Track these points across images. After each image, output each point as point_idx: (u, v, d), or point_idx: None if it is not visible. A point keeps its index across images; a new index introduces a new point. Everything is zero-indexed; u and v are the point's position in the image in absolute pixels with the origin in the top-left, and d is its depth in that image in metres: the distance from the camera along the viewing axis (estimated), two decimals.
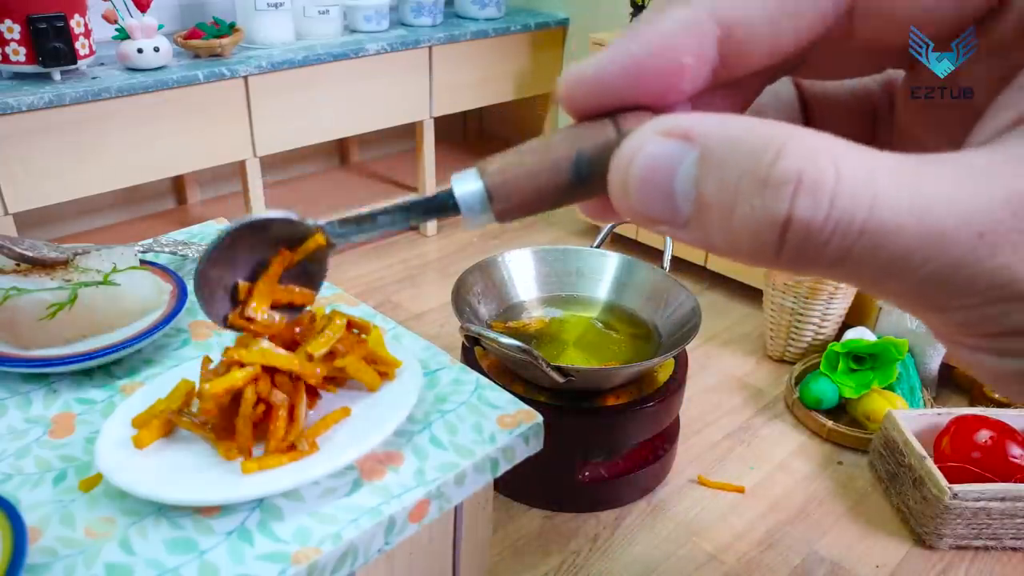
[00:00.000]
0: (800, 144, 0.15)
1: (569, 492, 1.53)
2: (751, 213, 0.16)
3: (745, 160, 0.16)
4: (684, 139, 0.17)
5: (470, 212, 0.22)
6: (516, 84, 2.69)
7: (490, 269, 1.64)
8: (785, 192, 0.15)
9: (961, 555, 1.46)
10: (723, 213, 0.16)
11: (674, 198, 0.17)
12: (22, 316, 0.64)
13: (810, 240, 0.15)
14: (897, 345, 1.70)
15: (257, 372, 0.54)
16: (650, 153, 0.17)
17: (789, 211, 0.15)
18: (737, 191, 0.16)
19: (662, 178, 0.17)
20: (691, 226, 0.17)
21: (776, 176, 0.15)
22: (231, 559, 0.48)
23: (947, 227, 0.15)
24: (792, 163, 0.15)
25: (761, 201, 0.15)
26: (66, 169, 1.78)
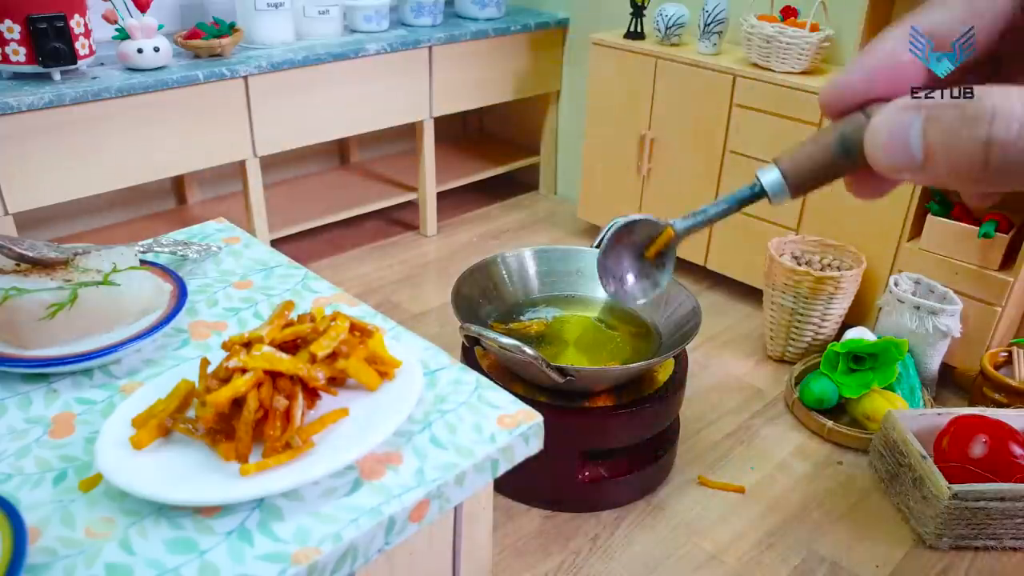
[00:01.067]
0: (991, 92, 0.22)
1: (569, 492, 1.53)
2: (964, 143, 0.23)
3: (955, 110, 0.23)
4: (913, 109, 0.24)
5: (775, 193, 0.30)
6: (516, 84, 2.69)
7: (490, 269, 1.64)
8: (985, 122, 0.22)
9: (961, 555, 1.46)
10: (945, 148, 0.23)
11: (910, 148, 0.24)
12: (22, 316, 0.64)
13: (1008, 152, 0.22)
14: (897, 345, 1.70)
15: (260, 377, 0.54)
16: (891, 120, 0.25)
17: (989, 134, 0.22)
18: (952, 132, 0.23)
19: (901, 135, 0.24)
20: (926, 167, 0.24)
21: (977, 113, 0.22)
22: (231, 559, 0.48)
23: None
24: (987, 103, 0.22)
25: (969, 131, 0.22)
26: (66, 169, 1.78)
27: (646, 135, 2.31)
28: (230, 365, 0.54)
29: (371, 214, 2.74)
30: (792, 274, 1.90)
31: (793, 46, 1.95)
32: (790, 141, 2.00)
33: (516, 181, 3.09)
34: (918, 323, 1.79)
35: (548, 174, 3.01)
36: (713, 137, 2.16)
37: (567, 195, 2.99)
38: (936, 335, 1.78)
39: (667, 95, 2.24)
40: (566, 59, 2.80)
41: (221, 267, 0.84)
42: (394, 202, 2.66)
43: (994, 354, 1.80)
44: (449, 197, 2.86)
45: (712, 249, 2.29)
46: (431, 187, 2.64)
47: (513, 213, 2.90)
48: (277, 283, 0.82)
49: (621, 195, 2.45)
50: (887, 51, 0.26)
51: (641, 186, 2.39)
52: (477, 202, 2.95)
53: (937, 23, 0.26)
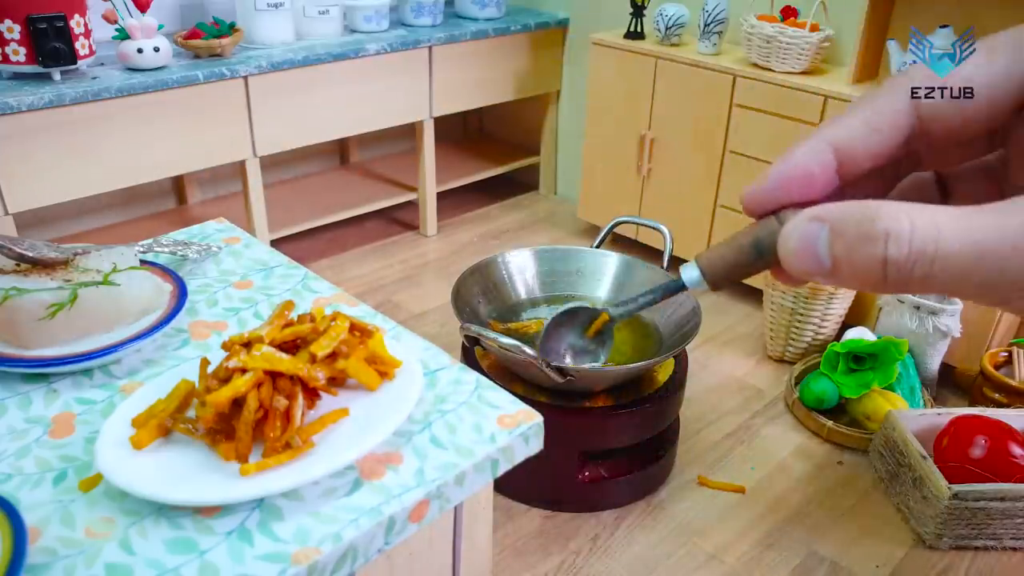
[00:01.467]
0: (887, 211, 0.25)
1: (569, 492, 1.53)
2: (863, 259, 0.25)
3: (855, 228, 0.25)
4: (819, 220, 0.26)
5: (693, 287, 0.35)
6: (516, 84, 2.69)
7: (490, 269, 1.64)
8: (880, 242, 0.24)
9: (961, 555, 1.46)
10: (848, 262, 0.26)
11: (819, 257, 0.26)
12: (22, 316, 0.64)
13: (902, 270, 0.24)
14: (897, 345, 1.70)
15: (260, 377, 0.54)
16: (801, 229, 0.27)
17: (884, 254, 0.24)
18: (853, 247, 0.25)
19: (809, 246, 0.27)
20: (832, 274, 0.26)
21: (873, 233, 0.24)
22: (231, 559, 0.48)
23: (990, 246, 0.23)
24: (882, 224, 0.24)
25: (868, 250, 0.25)
26: (66, 169, 1.78)
27: (646, 135, 2.31)
28: (230, 365, 0.54)
29: (371, 214, 2.74)
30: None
31: (793, 46, 1.95)
32: (790, 141, 1.99)
33: (516, 181, 3.09)
34: (918, 323, 1.79)
35: (548, 174, 3.01)
36: (713, 137, 2.16)
37: (567, 195, 2.99)
38: (936, 335, 1.78)
39: (667, 95, 2.24)
40: (566, 59, 2.80)
41: (221, 267, 0.84)
42: (394, 202, 2.66)
43: (994, 354, 1.80)
44: (449, 197, 2.86)
45: None
46: (431, 187, 2.64)
47: (513, 213, 2.90)
48: (277, 283, 0.82)
49: (621, 195, 2.45)
50: (799, 163, 0.29)
51: (641, 186, 2.39)
52: (477, 202, 2.95)
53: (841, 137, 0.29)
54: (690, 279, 0.34)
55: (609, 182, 2.49)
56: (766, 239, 0.31)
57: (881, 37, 1.94)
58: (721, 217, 2.23)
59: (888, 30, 1.96)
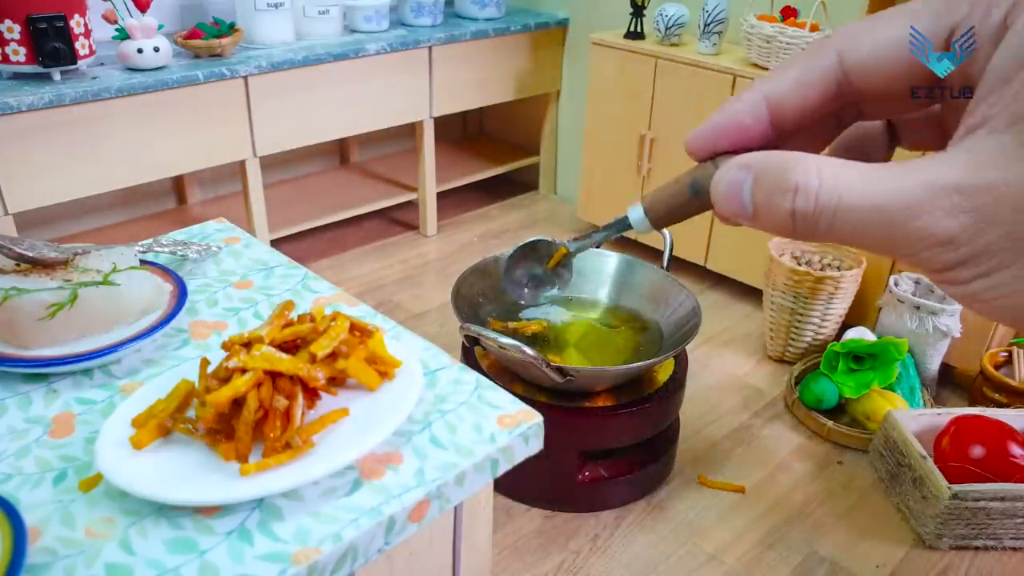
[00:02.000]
0: (801, 165, 0.27)
1: (569, 492, 1.53)
2: (776, 208, 0.27)
3: (772, 177, 0.27)
4: (746, 168, 0.28)
5: (638, 225, 0.37)
6: (516, 84, 2.69)
7: (490, 269, 1.64)
8: (790, 195, 0.27)
9: (961, 555, 1.46)
10: (765, 208, 0.28)
11: (743, 203, 0.28)
12: (22, 316, 0.64)
13: (807, 221, 0.26)
14: (897, 345, 1.70)
15: (260, 377, 0.54)
16: (728, 177, 0.29)
17: (792, 206, 0.27)
18: (769, 196, 0.27)
19: (735, 191, 0.29)
20: (753, 218, 0.28)
21: (785, 184, 0.27)
22: (231, 559, 0.48)
23: (886, 204, 0.25)
24: (793, 177, 0.26)
25: (780, 200, 0.27)
26: (66, 169, 1.78)
27: (646, 135, 2.31)
28: (230, 365, 0.54)
29: (371, 214, 2.74)
30: (792, 274, 1.90)
31: (793, 46, 1.95)
32: None
33: (516, 181, 3.09)
34: (918, 323, 1.79)
35: (548, 174, 3.01)
36: None
37: (567, 195, 2.99)
38: (936, 335, 1.78)
39: (667, 95, 2.24)
40: (566, 59, 2.80)
41: (221, 267, 0.84)
42: (394, 202, 2.66)
43: (994, 354, 1.80)
44: (449, 197, 2.86)
45: (712, 249, 2.29)
46: (431, 187, 2.64)
47: (513, 213, 2.90)
48: (277, 283, 0.82)
49: (621, 195, 2.45)
50: (734, 112, 0.31)
51: (641, 186, 2.39)
52: (477, 202, 2.95)
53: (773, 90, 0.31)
54: (635, 218, 0.37)
55: (609, 182, 2.49)
56: (702, 181, 0.33)
57: None
58: None
59: None
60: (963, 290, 0.25)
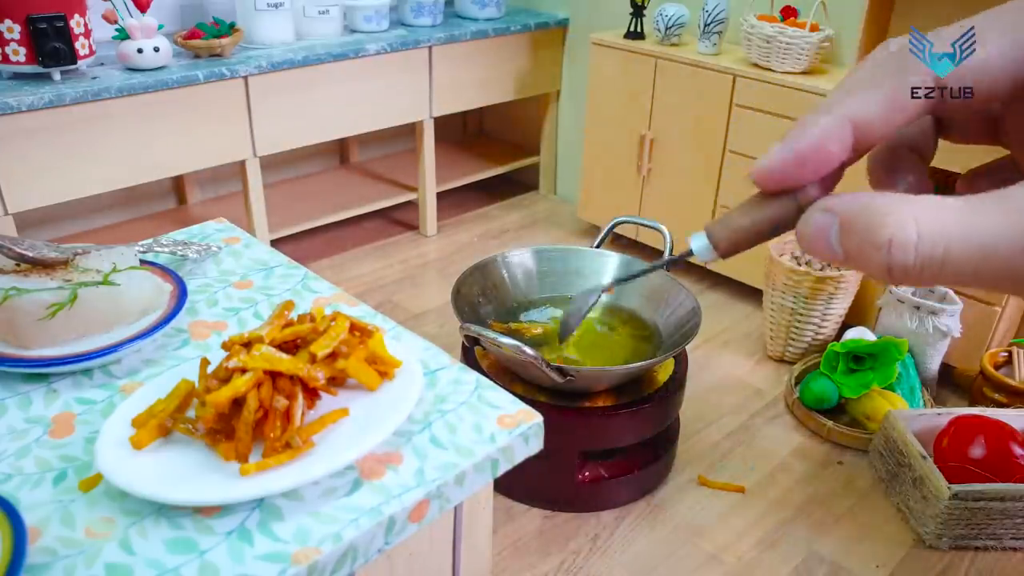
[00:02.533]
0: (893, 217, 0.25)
1: (569, 492, 1.53)
2: (870, 259, 0.26)
3: (862, 229, 0.26)
4: (830, 212, 0.28)
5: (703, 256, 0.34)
6: (516, 84, 2.69)
7: (490, 269, 1.64)
8: (884, 250, 0.25)
9: (961, 555, 1.46)
10: (856, 258, 0.27)
11: (832, 247, 0.28)
12: (22, 316, 0.64)
13: (909, 273, 0.25)
14: (897, 345, 1.70)
15: (260, 377, 0.54)
16: (814, 220, 0.28)
17: (887, 261, 0.25)
18: (861, 246, 0.26)
19: (823, 236, 0.28)
20: (845, 263, 0.28)
21: (880, 240, 0.26)
22: (231, 559, 0.48)
23: (996, 244, 0.24)
24: (887, 232, 0.25)
25: (874, 251, 0.26)
26: (66, 169, 1.78)
27: (646, 135, 2.31)
28: (230, 365, 0.54)
29: (371, 214, 2.74)
30: (792, 274, 1.90)
31: (793, 46, 1.95)
32: None
33: (516, 181, 3.09)
34: (918, 323, 1.79)
35: (548, 174, 3.01)
36: (713, 137, 2.16)
37: (567, 195, 2.99)
38: (936, 335, 1.78)
39: (667, 95, 2.24)
40: (566, 59, 2.80)
41: (221, 267, 0.84)
42: (394, 202, 2.66)
43: (994, 354, 1.80)
44: (449, 197, 2.86)
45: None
46: (431, 187, 2.64)
47: (513, 213, 2.90)
48: (277, 283, 0.82)
49: (621, 195, 2.45)
50: (818, 141, 0.29)
51: (641, 186, 2.39)
52: (477, 202, 2.95)
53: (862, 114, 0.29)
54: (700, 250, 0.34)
55: (609, 182, 2.49)
56: (785, 220, 0.31)
57: (881, 37, 1.94)
58: None
59: (888, 30, 1.96)
60: None
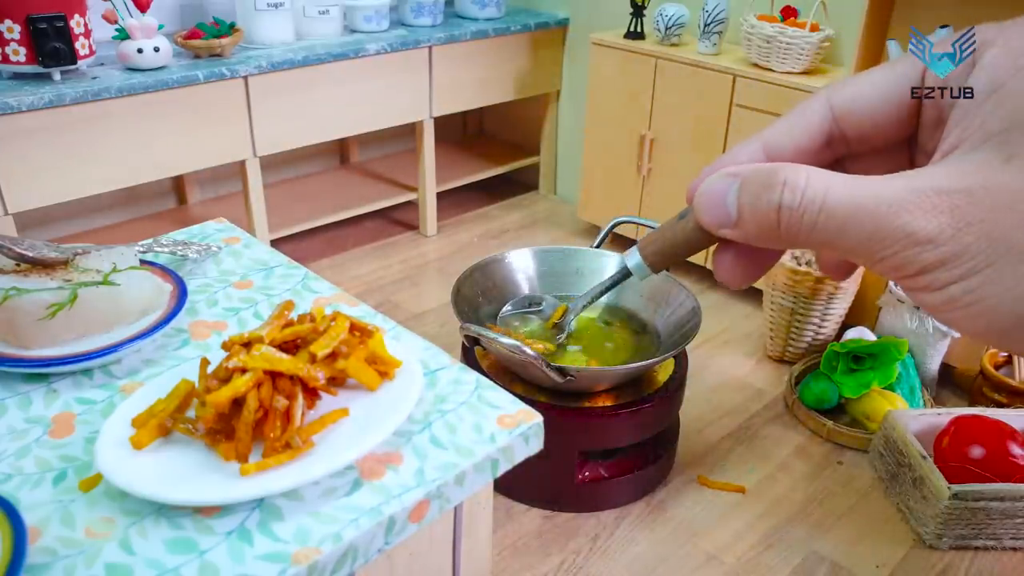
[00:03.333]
0: (789, 167, 0.28)
1: (569, 492, 1.53)
2: (762, 206, 0.28)
3: (760, 179, 0.28)
4: (732, 176, 0.29)
5: (637, 271, 0.37)
6: (516, 84, 2.69)
7: (490, 269, 1.64)
8: (777, 189, 0.27)
9: (961, 555, 1.46)
10: (750, 210, 0.28)
11: (726, 208, 0.29)
12: (22, 316, 0.64)
13: (793, 217, 0.27)
14: (897, 345, 1.70)
15: (260, 377, 0.54)
16: (715, 182, 0.30)
17: (779, 200, 0.27)
18: (756, 195, 0.28)
19: (720, 197, 0.30)
20: (738, 224, 0.29)
21: (774, 181, 0.28)
22: (231, 559, 0.48)
23: (869, 203, 0.26)
24: (782, 174, 0.27)
25: (767, 196, 0.28)
26: (66, 169, 1.78)
27: (646, 135, 2.31)
28: (230, 365, 0.54)
29: (371, 214, 2.74)
30: (792, 274, 1.90)
31: (793, 46, 1.95)
32: None
33: (516, 181, 3.09)
34: (918, 323, 1.79)
35: (548, 174, 3.01)
36: (713, 137, 2.16)
37: (567, 195, 2.99)
38: (936, 335, 1.78)
39: (667, 95, 2.24)
40: (566, 59, 2.79)
41: (221, 267, 0.84)
42: (394, 202, 2.66)
43: (994, 354, 1.80)
44: (449, 197, 2.86)
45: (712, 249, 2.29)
46: (431, 187, 2.64)
47: (513, 213, 2.90)
48: (277, 283, 0.82)
49: (621, 195, 2.45)
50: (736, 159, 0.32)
51: (641, 186, 2.39)
52: (477, 202, 2.95)
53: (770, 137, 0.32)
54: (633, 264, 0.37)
55: (609, 182, 2.49)
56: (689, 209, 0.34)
57: (881, 37, 1.94)
58: None
59: (888, 30, 1.96)
60: (939, 297, 0.26)
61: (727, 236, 0.30)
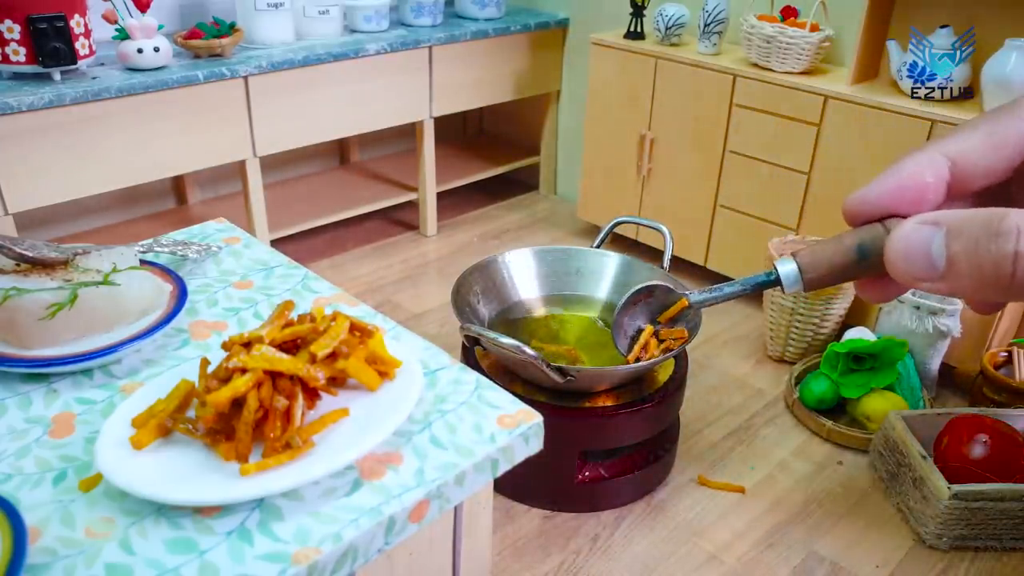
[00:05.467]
0: (1016, 212, 0.24)
1: (569, 492, 1.53)
2: (990, 255, 0.25)
3: (980, 226, 0.25)
4: (934, 225, 0.26)
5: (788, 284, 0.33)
6: (516, 84, 2.69)
7: (490, 269, 1.64)
8: (1012, 236, 0.24)
9: (961, 555, 1.46)
10: (969, 260, 0.25)
11: (931, 259, 0.26)
12: (22, 316, 0.64)
13: None
14: (897, 345, 1.70)
15: (260, 377, 0.54)
16: (913, 231, 0.27)
17: (1016, 248, 0.24)
18: (977, 244, 0.25)
19: (922, 248, 0.26)
20: (945, 277, 0.26)
21: (1005, 229, 0.24)
22: (231, 559, 0.48)
23: None
24: (1014, 220, 0.24)
25: (996, 246, 0.24)
26: (66, 169, 1.78)
27: (646, 135, 2.31)
28: (230, 365, 0.54)
29: (371, 214, 2.74)
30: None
31: (793, 46, 1.95)
32: (790, 141, 2.00)
33: (516, 181, 3.09)
34: (918, 323, 1.79)
35: (548, 174, 3.01)
36: (713, 137, 2.16)
37: (567, 195, 2.99)
38: (936, 335, 1.78)
39: (667, 95, 2.24)
40: (566, 59, 2.79)
41: (221, 267, 0.84)
42: (394, 202, 2.66)
43: (994, 354, 1.80)
44: (449, 197, 2.86)
45: (712, 249, 2.29)
46: (431, 187, 2.64)
47: (513, 213, 2.90)
48: (277, 283, 0.82)
49: (621, 195, 2.45)
50: (913, 173, 0.29)
51: (641, 186, 2.39)
52: (477, 202, 2.95)
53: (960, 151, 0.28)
54: (787, 275, 0.33)
55: (609, 182, 2.49)
56: (871, 243, 0.30)
57: (881, 37, 1.94)
58: (721, 217, 2.23)
59: (888, 30, 1.96)
60: None
61: (926, 289, 0.27)
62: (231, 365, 0.54)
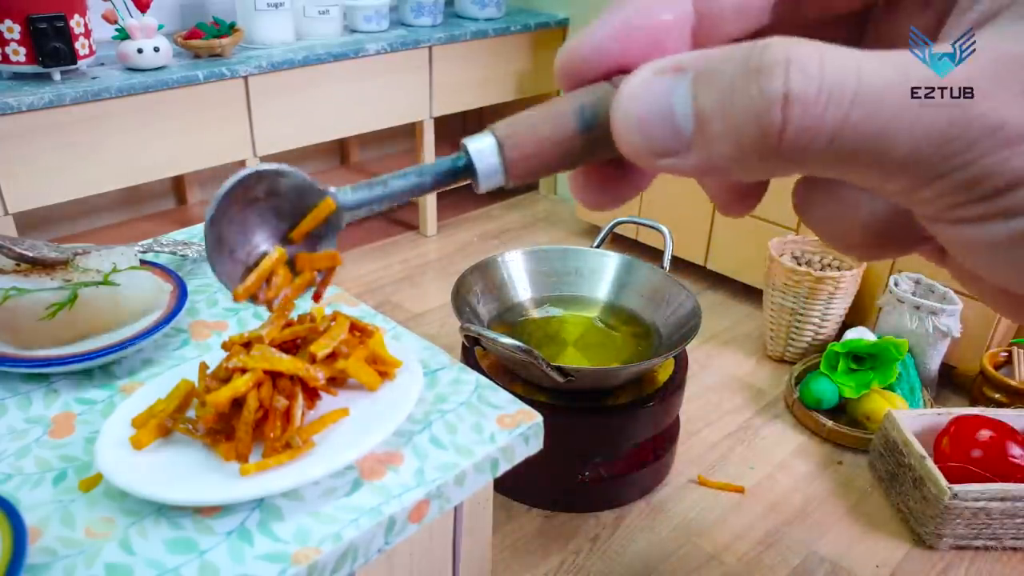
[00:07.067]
0: (781, 39, 0.16)
1: (569, 492, 1.53)
2: (750, 101, 0.16)
3: (735, 64, 0.17)
4: (676, 71, 0.18)
5: (485, 172, 0.22)
6: (516, 84, 2.69)
7: (490, 269, 1.64)
8: (778, 71, 0.16)
9: (961, 555, 1.46)
10: (725, 113, 0.17)
11: (675, 119, 0.18)
12: (22, 316, 0.64)
13: (808, 112, 0.16)
14: (897, 345, 1.70)
15: (260, 377, 0.54)
16: (647, 84, 0.18)
17: (785, 86, 0.16)
18: (733, 89, 0.17)
19: (661, 106, 0.18)
20: (695, 144, 0.18)
21: (767, 61, 0.16)
22: (231, 559, 0.48)
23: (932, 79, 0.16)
24: (779, 49, 0.16)
25: (757, 86, 0.16)
26: (66, 169, 1.78)
27: None
28: (230, 365, 0.54)
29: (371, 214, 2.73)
30: (792, 274, 1.90)
31: None
32: None
33: None
34: (918, 323, 1.79)
35: None
36: None
37: (567, 195, 2.99)
38: (936, 335, 1.78)
39: None
40: None
41: None
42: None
43: (994, 354, 1.80)
44: (449, 197, 2.86)
45: (712, 249, 2.29)
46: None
47: (513, 213, 2.90)
48: None
49: None
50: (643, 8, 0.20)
51: None
52: (477, 202, 2.95)
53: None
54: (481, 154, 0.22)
55: None
56: (594, 105, 0.21)
57: None
58: (721, 217, 2.23)
59: None
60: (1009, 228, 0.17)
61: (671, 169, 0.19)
62: (231, 365, 0.54)
